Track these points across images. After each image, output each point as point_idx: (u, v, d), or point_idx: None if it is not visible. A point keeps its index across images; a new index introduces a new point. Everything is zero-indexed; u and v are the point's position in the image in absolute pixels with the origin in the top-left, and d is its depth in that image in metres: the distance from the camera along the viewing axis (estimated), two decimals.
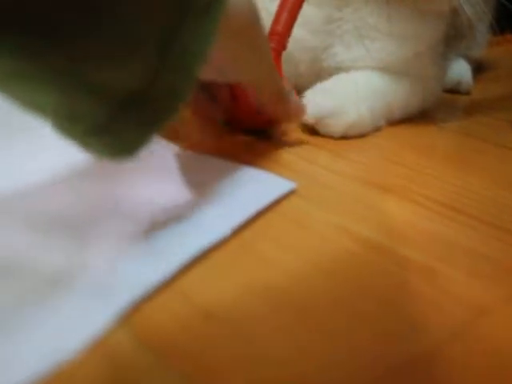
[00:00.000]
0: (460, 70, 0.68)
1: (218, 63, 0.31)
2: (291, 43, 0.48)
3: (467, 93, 0.69)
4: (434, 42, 0.54)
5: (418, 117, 0.53)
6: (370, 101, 0.48)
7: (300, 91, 0.53)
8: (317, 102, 0.46)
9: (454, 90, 0.68)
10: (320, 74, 0.51)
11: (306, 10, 0.48)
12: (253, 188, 0.35)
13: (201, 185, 0.35)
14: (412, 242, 0.32)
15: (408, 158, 0.45)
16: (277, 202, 0.34)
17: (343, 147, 0.46)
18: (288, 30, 0.44)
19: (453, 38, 0.57)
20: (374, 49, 0.50)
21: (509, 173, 0.45)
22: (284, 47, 0.44)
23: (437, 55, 0.57)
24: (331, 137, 0.47)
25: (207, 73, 0.27)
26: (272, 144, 0.44)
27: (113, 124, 0.24)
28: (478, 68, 0.76)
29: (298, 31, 0.49)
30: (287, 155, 0.43)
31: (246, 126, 0.44)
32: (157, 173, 0.36)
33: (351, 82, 0.49)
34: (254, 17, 0.31)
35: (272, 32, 0.44)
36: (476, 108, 0.65)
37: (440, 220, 0.35)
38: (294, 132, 0.47)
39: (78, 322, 0.23)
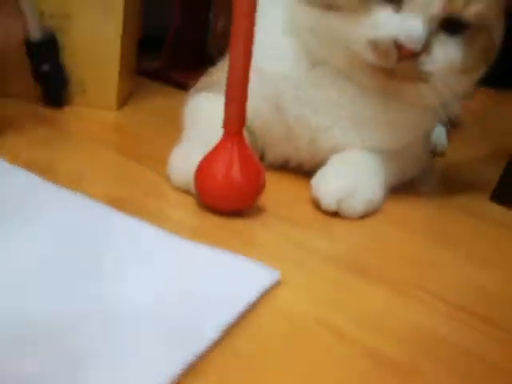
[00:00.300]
0: (436, 133, 0.70)
1: None
2: (294, 120, 0.51)
3: (442, 155, 0.70)
4: (425, 131, 0.56)
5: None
6: (377, 177, 0.50)
7: (296, 165, 0.55)
8: (331, 188, 0.47)
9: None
10: (316, 152, 0.53)
11: (310, 91, 0.50)
12: (236, 282, 0.35)
13: (182, 278, 0.34)
14: (396, 338, 0.32)
15: (390, 235, 0.46)
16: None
17: (316, 223, 0.47)
18: (242, 109, 0.43)
19: None
20: (367, 138, 0.51)
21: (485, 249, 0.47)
22: (243, 124, 0.44)
23: (428, 137, 0.59)
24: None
25: None
26: (249, 224, 0.44)
27: None
28: (451, 125, 0.78)
29: (301, 110, 0.51)
30: (269, 235, 0.43)
31: (223, 206, 0.44)
32: (141, 265, 0.35)
33: (354, 162, 0.51)
34: None
35: (227, 118, 0.43)
36: (452, 173, 0.67)
37: (427, 312, 0.36)
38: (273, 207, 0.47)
39: None
